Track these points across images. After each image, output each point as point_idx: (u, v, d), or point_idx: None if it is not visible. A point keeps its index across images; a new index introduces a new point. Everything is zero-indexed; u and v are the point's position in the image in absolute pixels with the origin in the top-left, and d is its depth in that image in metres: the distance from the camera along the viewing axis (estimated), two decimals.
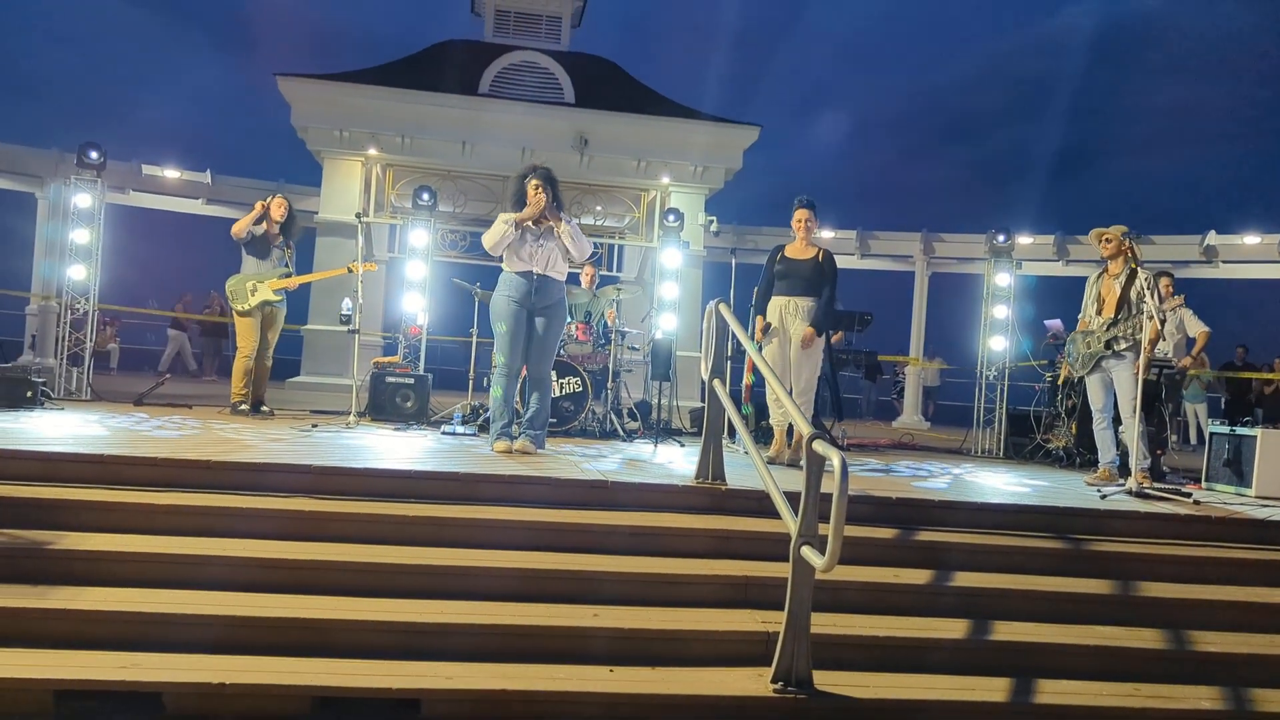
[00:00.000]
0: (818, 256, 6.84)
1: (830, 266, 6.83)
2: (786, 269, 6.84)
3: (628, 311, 10.07)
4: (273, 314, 8.22)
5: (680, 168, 13.86)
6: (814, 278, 6.77)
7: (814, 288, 6.77)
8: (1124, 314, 6.78)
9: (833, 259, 6.89)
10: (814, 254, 6.86)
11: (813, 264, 6.81)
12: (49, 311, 13.79)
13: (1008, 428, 9.76)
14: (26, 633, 3.51)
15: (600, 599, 4.09)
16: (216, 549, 4.06)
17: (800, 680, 3.55)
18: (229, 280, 8.15)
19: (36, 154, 15.31)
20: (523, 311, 6.22)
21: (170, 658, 3.42)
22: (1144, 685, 3.99)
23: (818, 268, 6.79)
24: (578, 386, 8.10)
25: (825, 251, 6.90)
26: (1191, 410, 14.57)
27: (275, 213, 8.26)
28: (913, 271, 17.51)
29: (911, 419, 16.86)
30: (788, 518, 3.62)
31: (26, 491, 4.31)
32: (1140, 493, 6.02)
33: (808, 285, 6.76)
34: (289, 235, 8.38)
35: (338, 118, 13.21)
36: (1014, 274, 10.38)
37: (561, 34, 15.48)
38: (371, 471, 4.90)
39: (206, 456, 4.80)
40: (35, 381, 7.37)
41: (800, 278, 6.78)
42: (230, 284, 8.13)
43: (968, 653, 4.05)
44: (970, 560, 4.69)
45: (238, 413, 7.99)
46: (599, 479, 5.03)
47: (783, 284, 6.83)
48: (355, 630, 3.69)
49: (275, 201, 8.28)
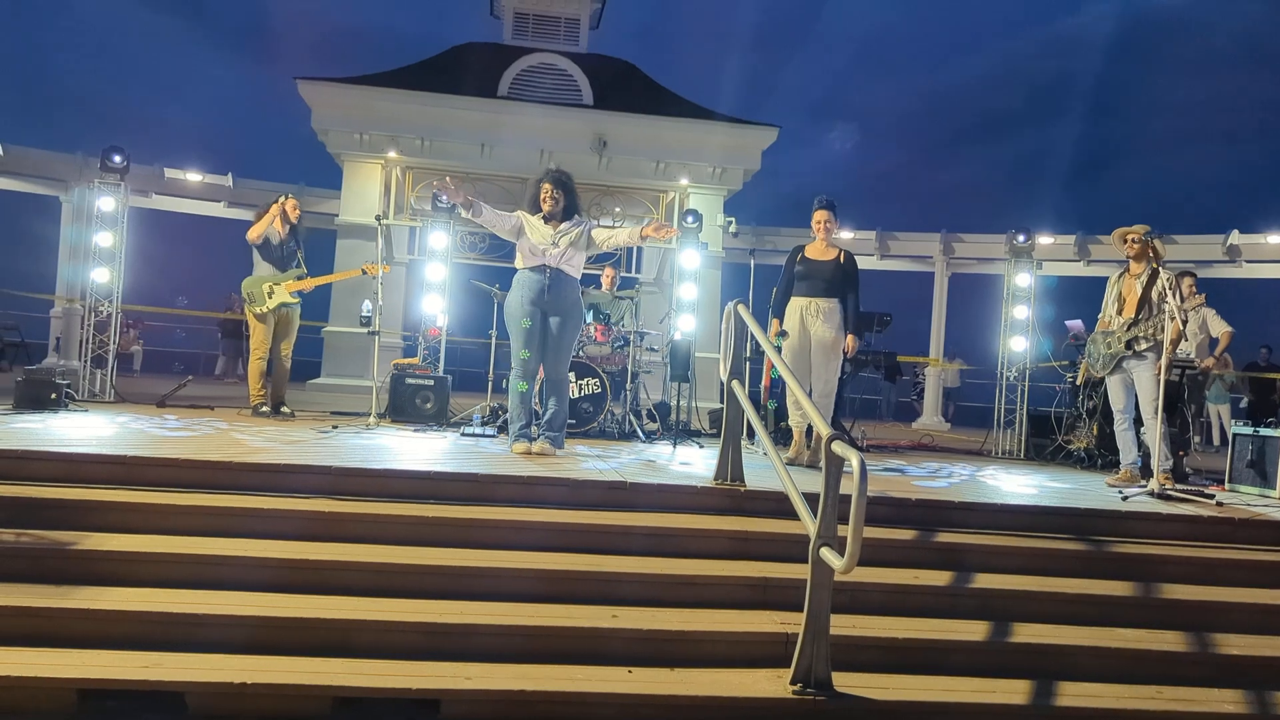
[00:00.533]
0: (839, 257, 6.82)
1: (852, 267, 6.81)
2: (807, 270, 6.81)
3: (646, 312, 10.07)
4: (289, 315, 8.25)
5: (699, 169, 13.85)
6: (835, 279, 6.75)
7: (835, 289, 6.75)
8: (1145, 314, 6.73)
9: (854, 260, 6.88)
10: (835, 255, 6.84)
11: (834, 265, 6.78)
12: (73, 314, 13.94)
13: (1028, 429, 9.72)
14: (50, 632, 3.54)
15: (619, 600, 4.09)
16: (238, 549, 4.09)
17: (819, 682, 3.54)
18: (245, 282, 8.18)
19: (61, 158, 15.45)
20: (537, 311, 6.23)
21: (192, 657, 3.45)
22: (1166, 688, 3.96)
23: (839, 269, 6.77)
24: (596, 388, 8.11)
25: (846, 252, 6.88)
26: (1215, 411, 14.45)
27: (292, 214, 8.28)
28: (932, 272, 17.45)
29: (931, 420, 16.80)
30: (807, 519, 3.61)
31: (50, 492, 4.36)
32: (1162, 494, 5.97)
33: (829, 286, 6.74)
34: (300, 236, 8.42)
35: (358, 121, 13.26)
36: (1034, 274, 10.32)
37: (580, 36, 15.50)
38: (391, 473, 4.92)
39: (228, 458, 4.84)
40: (60, 383, 7.43)
41: (821, 279, 6.75)
42: (247, 285, 8.15)
43: (988, 654, 4.03)
44: (990, 562, 4.67)
45: (259, 414, 8.04)
46: (618, 480, 5.04)
47: (803, 285, 6.81)
48: (375, 631, 3.71)
49: (290, 203, 8.29)
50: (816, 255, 6.86)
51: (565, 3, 15.45)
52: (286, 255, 8.24)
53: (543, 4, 15.39)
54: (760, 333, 4.97)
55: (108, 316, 9.61)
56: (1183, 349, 8.21)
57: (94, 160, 10.55)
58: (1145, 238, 6.86)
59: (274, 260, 8.17)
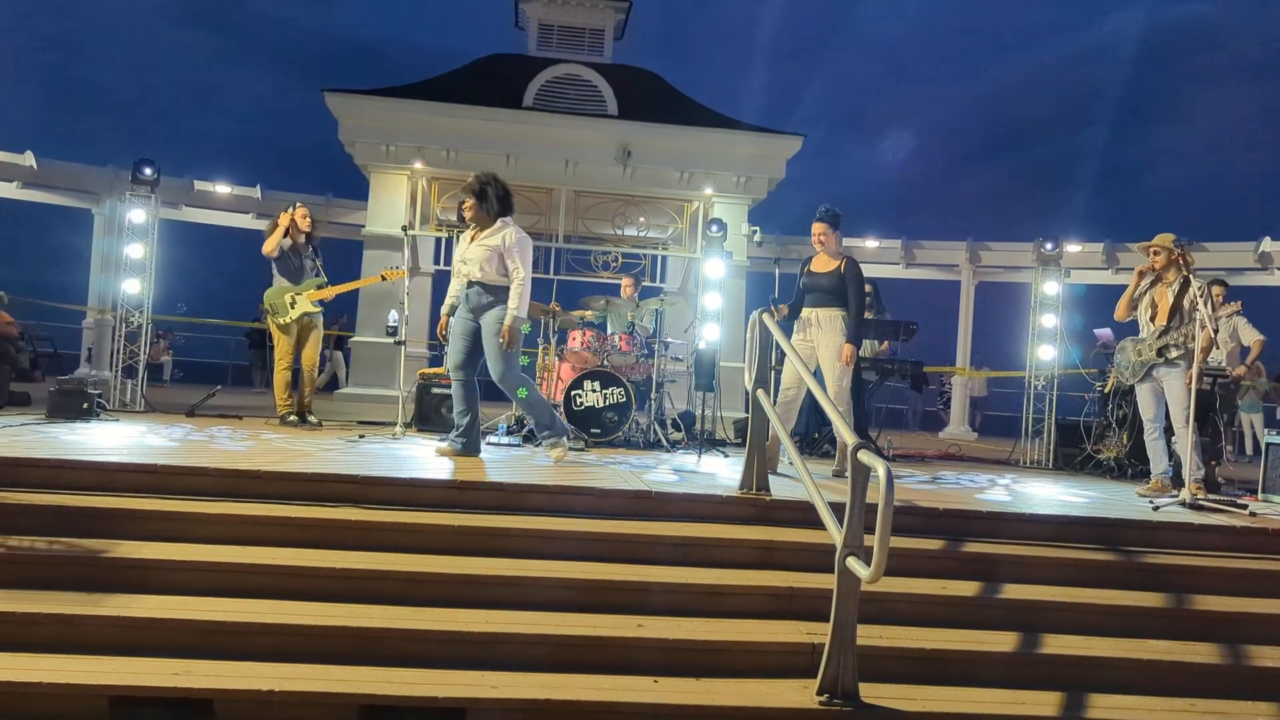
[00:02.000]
0: (839, 268, 6.82)
1: (853, 275, 6.80)
2: (810, 283, 6.89)
3: (671, 322, 10.07)
4: (311, 325, 8.24)
5: (723, 178, 13.84)
6: (836, 289, 6.78)
7: (837, 299, 6.78)
8: (1176, 322, 6.66)
9: (856, 267, 6.86)
10: (836, 265, 6.85)
11: (833, 276, 6.81)
12: (104, 325, 14.10)
13: (1057, 438, 9.63)
14: (82, 639, 3.58)
15: (644, 609, 4.09)
16: (266, 558, 4.12)
17: (846, 693, 3.52)
18: (267, 293, 8.17)
19: (92, 171, 15.64)
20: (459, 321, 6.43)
21: (222, 665, 3.48)
22: (1199, 700, 3.91)
23: (840, 279, 6.78)
24: (621, 397, 8.11)
25: (849, 260, 6.87)
26: (1247, 420, 14.28)
27: (302, 224, 8.21)
28: (959, 280, 17.34)
29: (958, 430, 16.69)
30: (833, 528, 3.60)
31: (83, 501, 4.41)
32: (1194, 504, 5.91)
33: (830, 298, 6.79)
34: (315, 244, 8.41)
35: (384, 132, 13.36)
36: (1062, 282, 10.25)
37: (604, 46, 15.55)
38: (418, 481, 4.94)
39: (257, 467, 4.88)
40: (92, 393, 7.52)
41: (822, 291, 6.81)
42: (269, 297, 8.15)
43: (1017, 666, 4.00)
44: (1019, 572, 4.63)
45: (286, 424, 8.08)
46: (643, 489, 5.03)
47: (809, 297, 6.89)
48: (402, 639, 3.73)
49: (299, 213, 8.22)
50: (819, 268, 6.90)
51: (590, 13, 15.51)
52: (303, 265, 8.21)
53: (567, 15, 15.46)
54: (785, 342, 4.96)
55: (138, 327, 9.72)
56: (1214, 357, 8.12)
57: (125, 173, 10.67)
58: (1173, 246, 6.78)
59: (289, 272, 8.13)
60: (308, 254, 8.27)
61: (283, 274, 8.14)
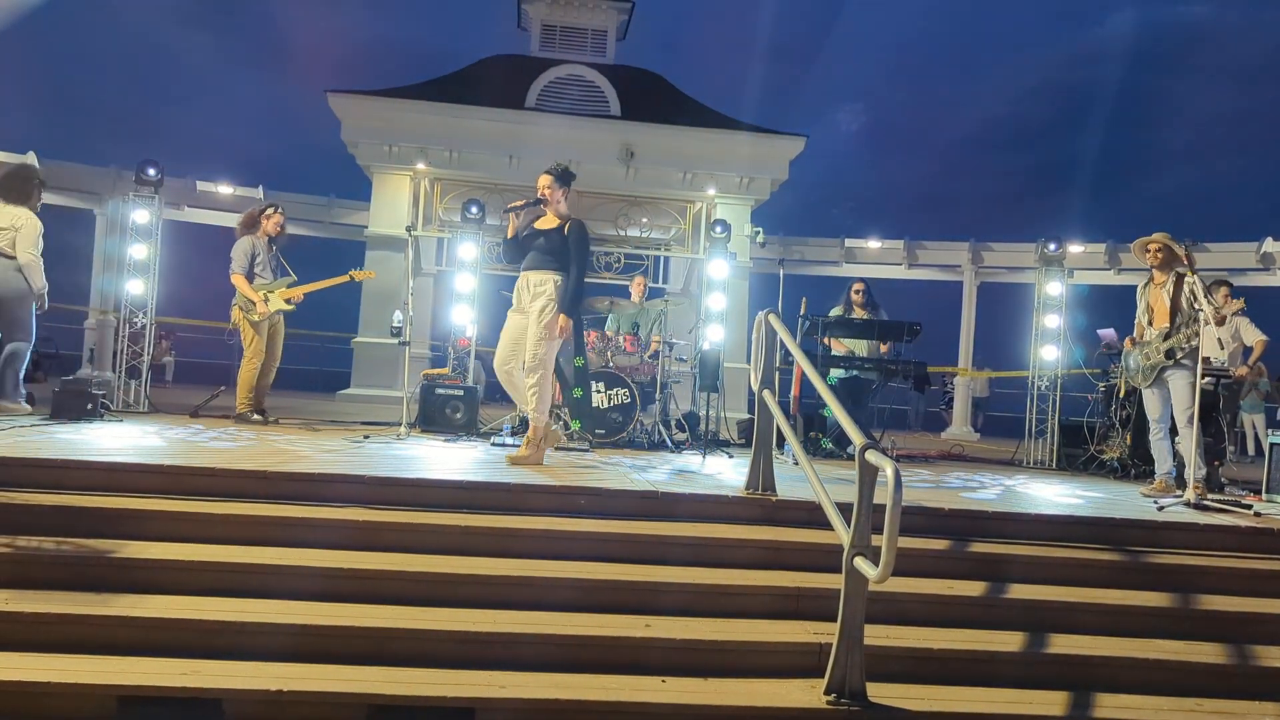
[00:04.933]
0: (563, 228, 6.30)
1: (577, 236, 6.28)
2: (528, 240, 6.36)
3: (675, 323, 10.08)
4: (278, 324, 8.46)
5: (726, 179, 13.86)
6: (557, 249, 6.26)
7: (558, 260, 6.25)
8: (1179, 321, 6.66)
9: (582, 228, 6.35)
10: (558, 224, 6.33)
11: (556, 234, 6.29)
12: (106, 325, 14.12)
13: (1060, 438, 9.63)
14: (91, 639, 3.58)
15: (652, 610, 4.09)
16: (274, 558, 4.13)
17: (854, 692, 3.52)
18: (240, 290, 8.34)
19: (95, 172, 15.66)
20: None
21: (230, 665, 3.48)
22: (1206, 700, 3.91)
23: (562, 240, 6.26)
24: (626, 398, 8.12)
25: (574, 222, 6.34)
26: (1249, 421, 14.28)
27: (269, 227, 8.47)
28: (961, 281, 17.35)
29: (961, 430, 16.70)
30: (840, 528, 3.60)
31: (89, 501, 4.41)
32: (1198, 504, 5.91)
33: (547, 258, 6.25)
34: (279, 246, 8.63)
35: (387, 132, 13.39)
36: (1065, 283, 10.25)
37: (607, 47, 15.58)
38: (424, 482, 4.95)
39: (263, 467, 4.88)
40: (95, 394, 7.53)
41: (539, 250, 6.28)
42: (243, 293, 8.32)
43: (1025, 665, 4.00)
44: (1025, 572, 4.63)
45: (246, 421, 8.11)
46: (649, 490, 5.04)
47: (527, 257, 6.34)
48: (410, 639, 3.73)
49: (275, 217, 8.50)
50: (543, 225, 6.37)
51: (592, 14, 15.54)
52: (273, 264, 8.45)
53: (570, 16, 15.49)
54: (792, 342, 4.96)
55: (142, 328, 9.72)
56: (1217, 358, 8.12)
57: (128, 174, 10.71)
58: (1171, 244, 6.79)
59: (262, 271, 8.36)
60: (273, 252, 8.50)
61: (255, 275, 8.34)
